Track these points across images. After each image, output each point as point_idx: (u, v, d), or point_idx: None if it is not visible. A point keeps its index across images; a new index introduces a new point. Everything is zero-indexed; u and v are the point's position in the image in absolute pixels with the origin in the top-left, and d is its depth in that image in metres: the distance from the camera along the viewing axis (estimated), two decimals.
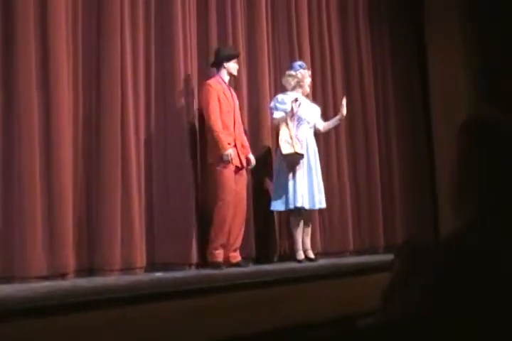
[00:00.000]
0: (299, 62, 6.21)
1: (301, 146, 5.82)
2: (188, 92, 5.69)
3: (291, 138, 5.79)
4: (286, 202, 5.83)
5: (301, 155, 5.81)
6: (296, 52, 6.76)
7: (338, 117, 6.17)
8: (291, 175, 5.84)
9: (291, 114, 5.84)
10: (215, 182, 5.50)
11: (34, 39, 4.70)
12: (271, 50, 6.58)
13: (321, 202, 5.96)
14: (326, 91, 7.02)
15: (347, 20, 7.46)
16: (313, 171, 5.91)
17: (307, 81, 6.10)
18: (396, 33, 7.93)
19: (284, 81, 6.16)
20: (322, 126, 6.18)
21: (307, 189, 5.83)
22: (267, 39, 6.50)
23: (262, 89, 6.37)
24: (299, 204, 5.77)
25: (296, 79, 6.07)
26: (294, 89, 6.07)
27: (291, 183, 5.81)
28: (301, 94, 6.03)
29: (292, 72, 6.10)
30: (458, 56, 7.52)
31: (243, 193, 5.62)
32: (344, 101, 6.07)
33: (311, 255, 5.93)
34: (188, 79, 5.70)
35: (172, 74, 5.60)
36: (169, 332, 2.99)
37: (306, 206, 5.83)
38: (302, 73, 6.07)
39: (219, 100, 5.52)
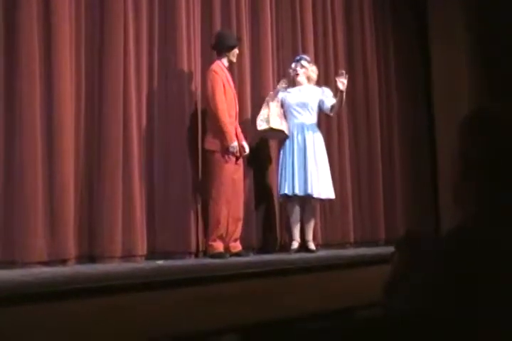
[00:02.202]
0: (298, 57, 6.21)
1: (282, 124, 5.84)
2: (190, 79, 5.68)
3: (268, 115, 5.83)
4: (279, 189, 5.89)
5: (280, 132, 5.83)
6: (300, 42, 6.73)
7: (338, 95, 5.97)
8: (281, 163, 5.88)
9: (274, 96, 5.92)
10: (213, 171, 5.47)
11: (37, 25, 4.69)
12: (274, 37, 6.56)
13: (313, 191, 5.75)
14: (329, 82, 6.99)
15: (351, 11, 7.43)
16: (309, 159, 5.80)
17: (295, 72, 6.07)
18: (400, 25, 7.92)
19: None
20: (330, 105, 5.98)
21: (296, 176, 5.76)
22: (270, 26, 6.47)
23: (265, 77, 6.36)
24: (281, 192, 5.81)
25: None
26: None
27: (280, 171, 5.86)
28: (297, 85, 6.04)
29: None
30: (461, 48, 7.51)
31: (240, 183, 5.60)
32: (340, 77, 5.85)
33: (311, 246, 5.91)
34: (190, 65, 5.69)
35: (175, 60, 5.59)
36: (169, 320, 3.00)
37: (289, 193, 5.77)
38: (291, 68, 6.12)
39: (224, 87, 5.50)
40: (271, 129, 5.82)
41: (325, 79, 6.95)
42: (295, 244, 5.89)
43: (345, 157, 7.02)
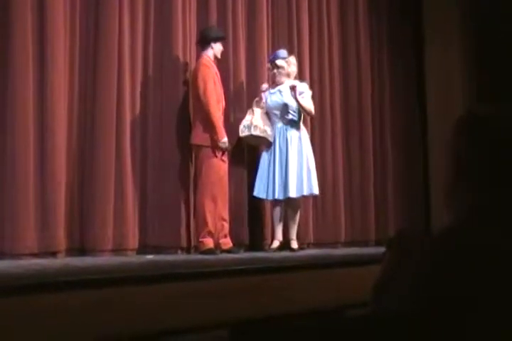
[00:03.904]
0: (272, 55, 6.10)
1: (265, 131, 5.75)
2: (185, 74, 5.68)
3: (251, 122, 5.76)
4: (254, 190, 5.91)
5: (262, 138, 5.78)
6: (295, 40, 6.72)
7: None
8: (260, 164, 5.87)
9: (259, 101, 5.88)
10: (200, 166, 5.45)
11: (31, 19, 4.68)
12: (270, 34, 6.55)
13: (292, 192, 5.73)
14: (323, 81, 7.00)
15: (346, 11, 7.42)
16: (291, 162, 5.76)
17: (272, 73, 6.03)
18: (394, 26, 7.89)
19: None
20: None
21: (276, 181, 5.76)
22: (266, 23, 6.47)
23: (261, 74, 6.34)
24: (255, 193, 5.84)
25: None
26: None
27: (258, 172, 5.87)
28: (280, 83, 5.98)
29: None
30: (455, 50, 7.52)
31: (226, 178, 5.57)
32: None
33: (293, 245, 5.87)
34: (186, 60, 5.69)
35: (170, 54, 5.59)
36: (157, 314, 3.00)
37: (268, 197, 5.84)
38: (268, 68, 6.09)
39: (214, 83, 5.48)
40: (252, 136, 5.77)
41: (319, 78, 6.95)
42: (276, 243, 5.90)
43: (338, 157, 7.02)
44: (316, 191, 5.91)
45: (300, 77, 6.55)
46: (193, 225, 5.53)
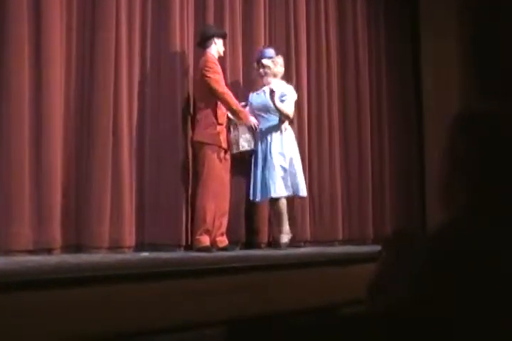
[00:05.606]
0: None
1: (237, 148, 5.71)
2: (183, 69, 5.66)
3: (237, 138, 5.73)
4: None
5: (240, 153, 5.76)
6: (292, 37, 6.71)
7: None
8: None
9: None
10: (201, 163, 5.45)
11: (27, 12, 4.66)
12: (267, 33, 6.54)
13: (271, 193, 5.74)
14: (321, 78, 6.99)
15: (344, 9, 7.41)
16: (271, 162, 5.76)
17: (258, 74, 6.02)
18: (392, 21, 7.90)
19: None
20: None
21: (258, 183, 5.79)
22: (264, 22, 6.46)
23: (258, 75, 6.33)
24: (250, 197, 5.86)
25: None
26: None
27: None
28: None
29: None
30: (452, 47, 7.52)
31: (227, 177, 5.58)
32: None
33: (283, 240, 5.82)
34: (183, 55, 5.68)
35: (167, 53, 5.58)
36: (153, 312, 3.00)
37: (251, 198, 5.86)
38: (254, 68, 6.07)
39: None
40: (240, 153, 5.76)
41: (317, 75, 6.94)
42: (285, 238, 5.86)
43: (335, 154, 7.02)
44: (301, 193, 5.90)
45: (297, 75, 6.55)
46: (191, 222, 5.51)
